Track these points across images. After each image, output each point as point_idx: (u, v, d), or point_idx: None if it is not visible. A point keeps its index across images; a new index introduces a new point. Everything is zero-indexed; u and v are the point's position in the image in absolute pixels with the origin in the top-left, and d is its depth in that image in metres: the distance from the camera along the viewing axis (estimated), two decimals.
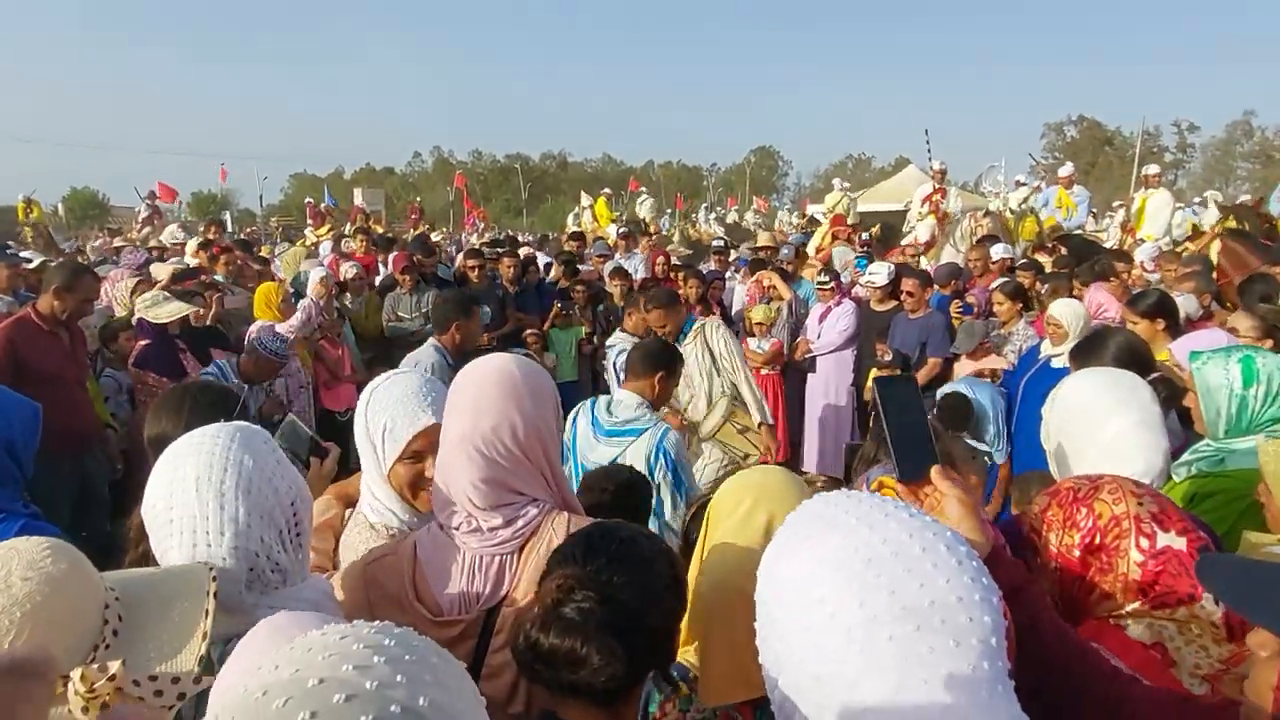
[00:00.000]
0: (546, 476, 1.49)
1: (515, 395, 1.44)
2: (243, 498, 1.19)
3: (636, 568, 1.16)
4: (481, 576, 1.41)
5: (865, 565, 0.80)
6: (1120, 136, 50.05)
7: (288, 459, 1.34)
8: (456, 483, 1.42)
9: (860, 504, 0.87)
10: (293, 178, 62.80)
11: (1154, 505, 1.31)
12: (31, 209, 14.56)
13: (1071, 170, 10.31)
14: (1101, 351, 2.79)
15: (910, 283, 5.85)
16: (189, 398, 1.98)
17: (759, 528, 1.32)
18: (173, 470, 1.23)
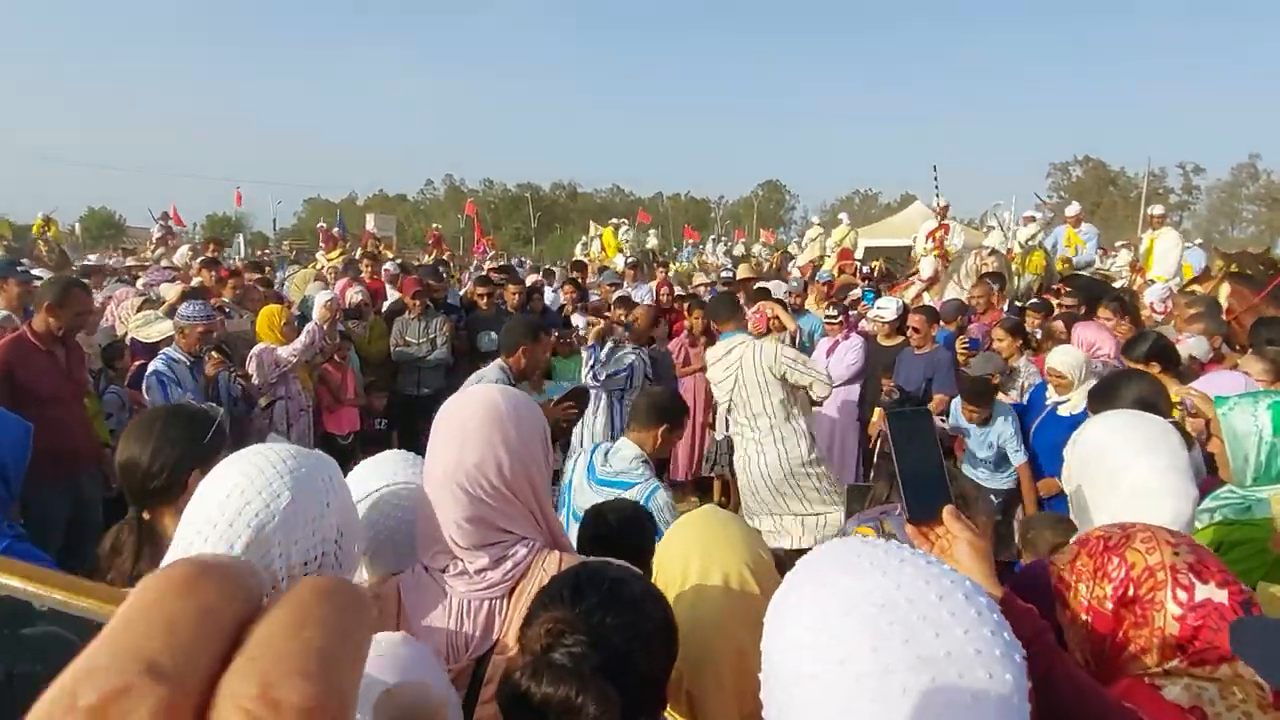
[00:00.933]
0: (535, 514, 1.41)
1: (501, 428, 1.37)
2: (252, 529, 1.13)
3: (627, 609, 1.10)
4: (470, 622, 1.33)
5: (878, 610, 0.74)
6: (1124, 177, 50.24)
7: (348, 506, 1.26)
8: (441, 522, 1.34)
9: (874, 549, 0.83)
10: (307, 202, 63.44)
11: (1191, 555, 1.24)
12: (49, 226, 14.70)
13: (1079, 209, 10.30)
14: (1118, 397, 2.74)
15: (916, 318, 5.81)
16: (158, 422, 1.91)
17: (717, 585, 1.27)
18: (228, 466, 1.20)
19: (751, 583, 1.28)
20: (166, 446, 1.85)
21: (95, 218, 45.39)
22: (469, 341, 6.72)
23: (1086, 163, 52.06)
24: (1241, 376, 3.58)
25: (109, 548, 1.79)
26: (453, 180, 66.96)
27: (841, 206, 58.36)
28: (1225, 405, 2.22)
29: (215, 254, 10.23)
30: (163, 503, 1.86)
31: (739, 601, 1.26)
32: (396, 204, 61.91)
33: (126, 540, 1.79)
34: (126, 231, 42.25)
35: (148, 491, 1.85)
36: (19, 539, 1.89)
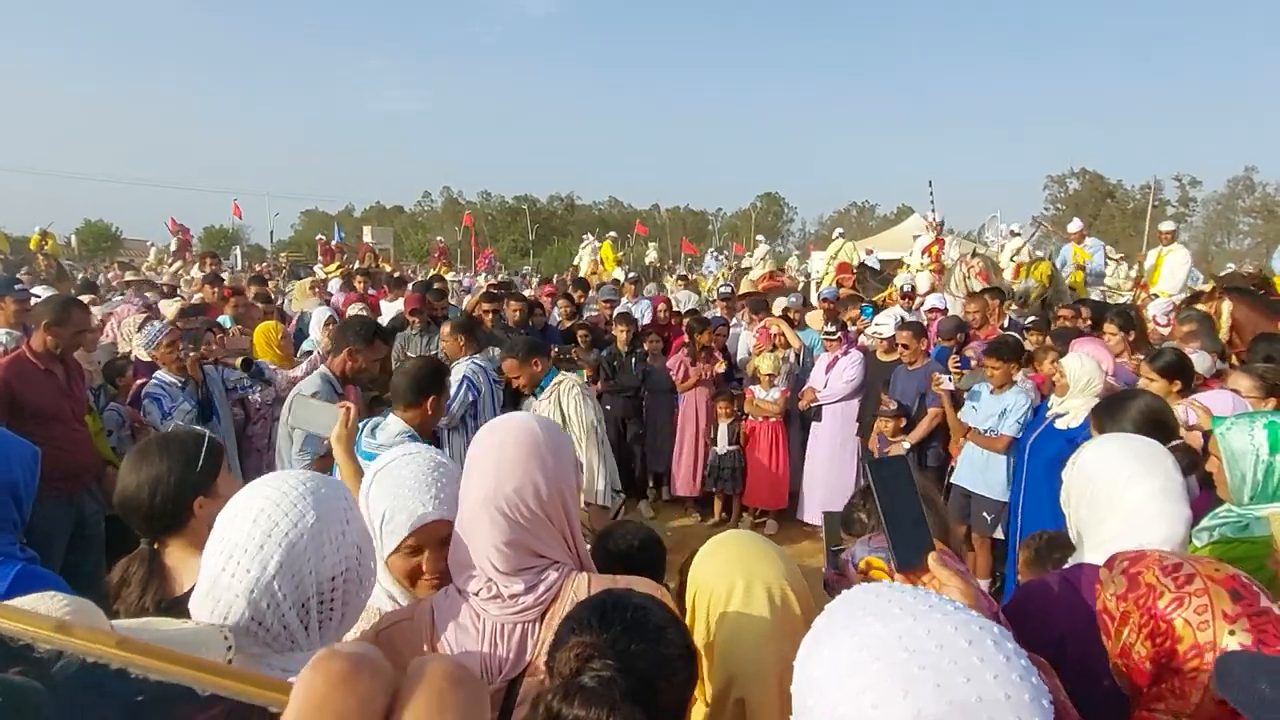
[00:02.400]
0: (567, 538, 1.45)
1: (538, 455, 1.41)
2: (284, 549, 1.16)
3: (651, 636, 1.13)
4: (504, 645, 1.35)
5: (909, 655, 0.76)
6: (1121, 189, 50.46)
7: (363, 522, 1.29)
8: (477, 546, 1.37)
9: (902, 594, 0.85)
10: (303, 214, 63.57)
11: (1249, 634, 1.19)
12: (46, 240, 14.71)
13: (1081, 226, 10.35)
14: (1123, 414, 2.76)
15: (904, 334, 5.85)
16: (151, 454, 1.88)
17: (762, 601, 1.30)
18: (248, 496, 1.23)
19: (792, 599, 1.33)
20: (164, 477, 1.83)
21: (91, 230, 45.35)
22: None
23: (1084, 175, 52.28)
24: (1229, 394, 3.61)
25: (117, 580, 1.79)
26: (450, 192, 67.17)
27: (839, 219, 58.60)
28: (1223, 425, 2.25)
29: (215, 268, 10.25)
30: (169, 534, 1.85)
31: (782, 616, 1.31)
32: (394, 216, 62.02)
33: (135, 573, 1.79)
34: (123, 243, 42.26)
35: (152, 525, 1.84)
36: (30, 561, 1.89)
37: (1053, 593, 1.75)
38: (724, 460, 6.71)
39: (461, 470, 1.49)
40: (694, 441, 6.91)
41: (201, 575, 1.19)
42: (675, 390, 6.92)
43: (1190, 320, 5.51)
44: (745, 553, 1.39)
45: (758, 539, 1.44)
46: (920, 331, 5.90)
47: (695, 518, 7.05)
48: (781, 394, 6.65)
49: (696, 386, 6.84)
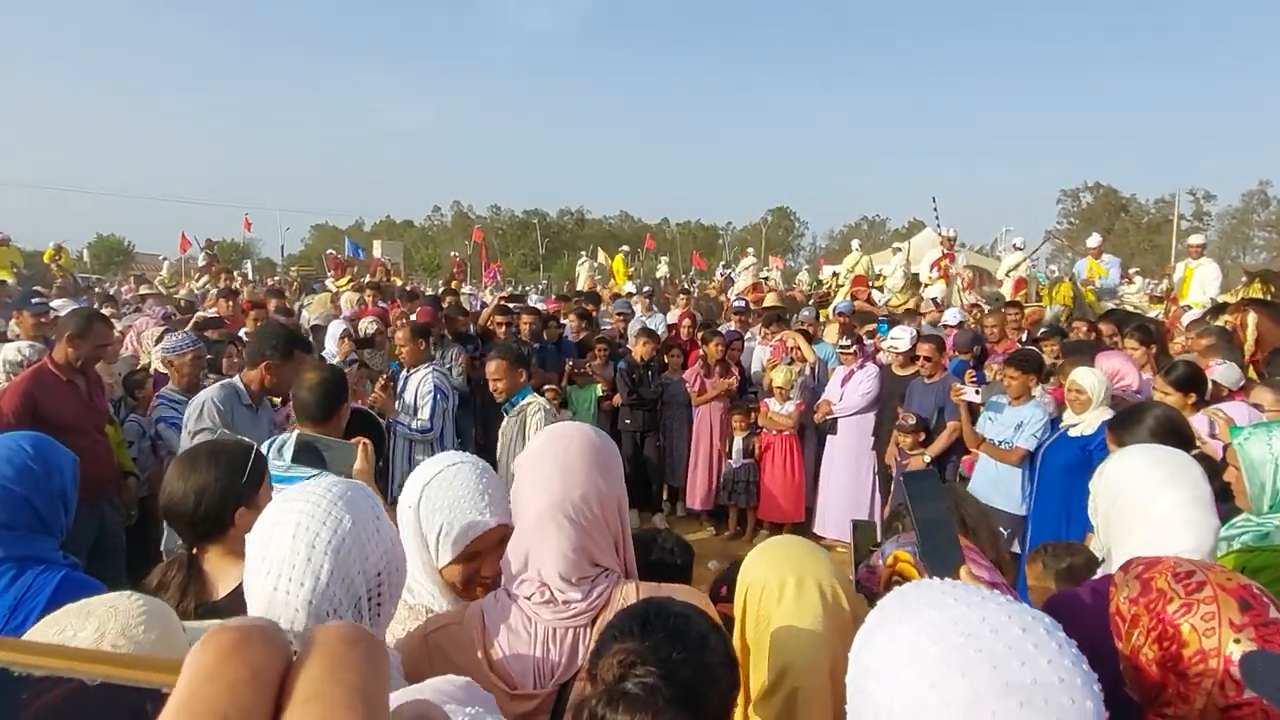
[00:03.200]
0: (618, 545, 1.47)
1: (601, 464, 1.44)
2: (330, 556, 1.17)
3: (694, 643, 1.13)
4: (557, 650, 1.37)
5: (965, 639, 0.78)
6: (1135, 204, 50.39)
7: (389, 526, 1.30)
8: (542, 552, 1.38)
9: (955, 587, 0.88)
10: (314, 229, 63.99)
11: (1254, 643, 1.21)
12: (60, 255, 14.86)
13: (1099, 240, 10.33)
14: (1140, 425, 2.76)
15: (925, 347, 5.84)
16: (200, 461, 1.94)
17: (814, 598, 1.32)
18: (277, 513, 1.24)
19: (842, 596, 1.35)
20: (211, 486, 1.89)
21: (104, 244, 45.84)
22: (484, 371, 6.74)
23: (1097, 189, 52.25)
24: (1245, 408, 3.59)
25: (155, 584, 1.82)
26: (460, 206, 67.56)
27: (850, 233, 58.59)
28: (1241, 435, 2.26)
29: (229, 283, 10.33)
30: (210, 540, 1.90)
31: (833, 610, 1.34)
32: (404, 230, 62.38)
33: (174, 577, 1.83)
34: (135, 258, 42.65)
35: (194, 531, 1.89)
36: (74, 568, 1.93)
37: (1082, 604, 1.74)
38: (738, 474, 6.71)
39: (497, 476, 1.51)
40: (708, 455, 6.91)
41: (253, 598, 1.20)
42: (691, 404, 6.93)
43: (1208, 333, 5.48)
44: (796, 552, 1.42)
45: (805, 542, 1.47)
46: (941, 346, 5.90)
47: (710, 531, 7.04)
48: (796, 407, 6.65)
49: (713, 400, 6.85)
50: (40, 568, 1.85)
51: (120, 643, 0.91)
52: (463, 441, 6.59)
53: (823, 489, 6.67)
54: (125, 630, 0.93)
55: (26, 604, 1.77)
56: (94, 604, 0.97)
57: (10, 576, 1.80)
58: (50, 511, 1.89)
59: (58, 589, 1.81)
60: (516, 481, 1.48)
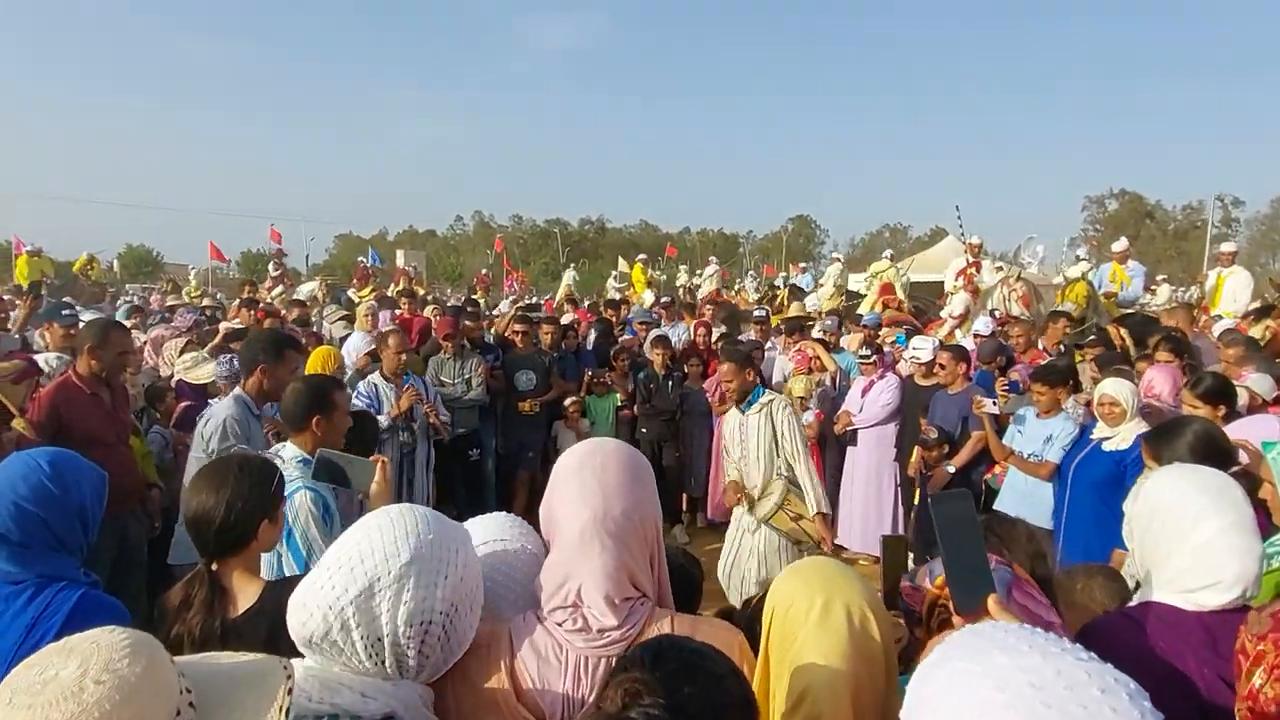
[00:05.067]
0: (653, 565, 1.43)
1: (640, 479, 1.41)
2: (365, 580, 1.17)
3: (707, 682, 1.09)
4: (588, 679, 1.31)
5: (1034, 691, 0.72)
6: (1161, 210, 49.74)
7: (470, 583, 1.29)
8: (582, 571, 1.34)
9: (1031, 633, 0.82)
10: (338, 239, 64.59)
11: None
12: (92, 265, 15.08)
13: (1125, 245, 10.15)
14: (1179, 441, 2.68)
15: (943, 356, 5.76)
16: (231, 474, 1.96)
17: (841, 621, 1.27)
18: (371, 518, 1.25)
19: (872, 622, 1.29)
20: (240, 499, 1.91)
21: (133, 255, 46.51)
22: (506, 380, 6.76)
23: (1123, 196, 51.64)
24: (1275, 420, 3.49)
25: (178, 602, 1.82)
26: (482, 216, 67.94)
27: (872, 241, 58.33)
28: (1274, 450, 2.19)
29: (252, 293, 10.40)
30: (232, 553, 1.90)
31: (860, 636, 1.28)
32: (426, 240, 62.84)
33: (197, 594, 1.82)
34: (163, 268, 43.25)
35: (220, 543, 1.89)
36: (94, 586, 1.92)
37: (1116, 633, 1.69)
38: None
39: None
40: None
41: (304, 581, 1.21)
42: (711, 414, 6.88)
43: (1236, 343, 5.35)
44: (826, 572, 1.37)
45: (837, 562, 1.42)
46: (961, 354, 5.80)
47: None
48: (815, 417, 6.58)
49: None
50: (59, 586, 1.84)
51: (104, 678, 0.89)
52: (482, 453, 6.60)
53: (844, 501, 6.59)
54: (109, 665, 0.90)
55: (44, 623, 1.77)
56: (76, 641, 0.95)
57: (28, 595, 1.80)
58: (68, 530, 1.89)
59: (75, 607, 1.80)
60: (551, 497, 1.44)
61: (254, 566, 1.97)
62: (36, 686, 0.88)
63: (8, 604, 1.77)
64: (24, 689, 0.89)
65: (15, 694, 0.88)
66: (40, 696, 0.86)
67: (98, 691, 0.87)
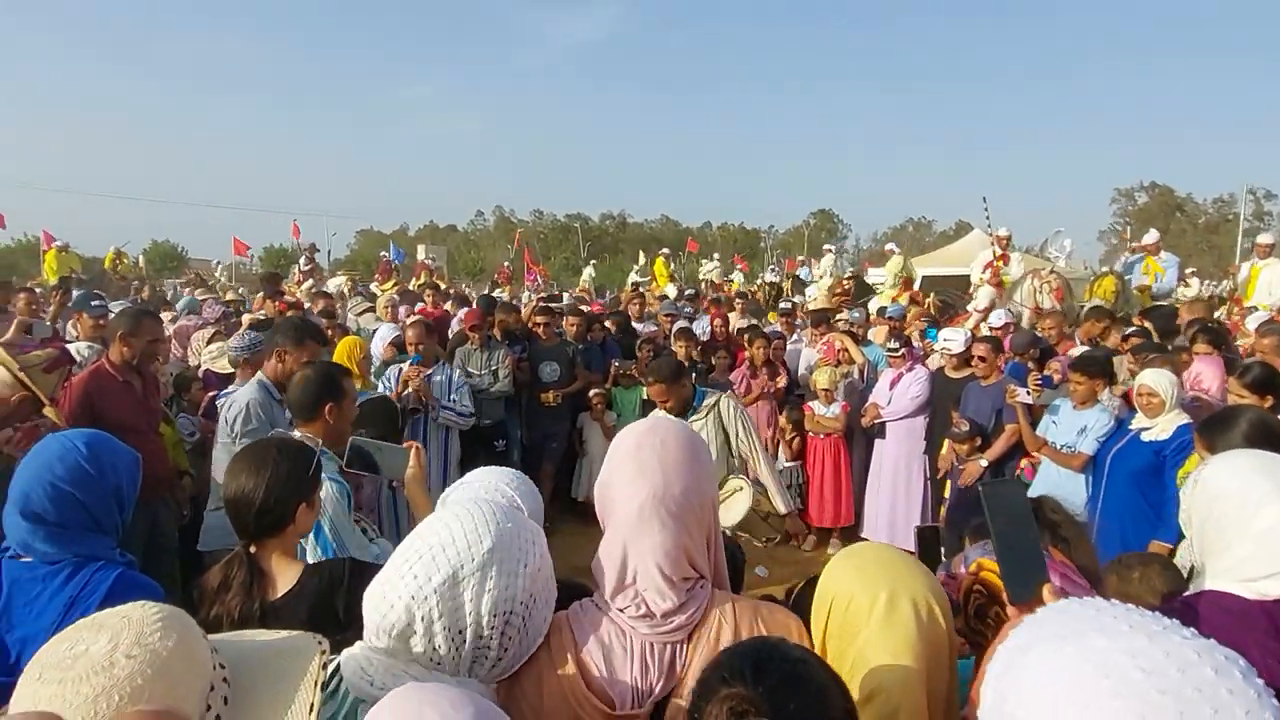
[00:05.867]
0: (710, 546, 1.41)
1: (699, 459, 1.39)
2: (448, 569, 1.16)
3: (814, 697, 1.02)
4: (655, 667, 1.29)
5: (1145, 676, 0.67)
6: (1192, 203, 48.98)
7: (545, 576, 1.28)
8: (641, 550, 1.32)
9: (1127, 611, 0.75)
10: (359, 234, 64.99)
11: None
12: (120, 260, 15.28)
13: (1157, 237, 9.98)
14: (1233, 430, 2.61)
15: (981, 348, 5.67)
16: (270, 457, 1.96)
17: (908, 615, 1.21)
18: (449, 507, 1.24)
19: (938, 614, 1.24)
20: (279, 482, 1.91)
21: (158, 250, 47.04)
22: (531, 372, 6.75)
23: (1153, 189, 50.89)
24: None
25: (217, 584, 1.82)
26: (502, 211, 68.10)
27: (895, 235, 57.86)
28: None
29: (276, 284, 10.48)
30: (269, 535, 1.90)
31: (929, 629, 1.23)
32: (447, 235, 63.11)
33: (236, 576, 1.81)
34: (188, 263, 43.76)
35: (258, 525, 1.89)
36: (130, 566, 1.92)
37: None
38: (783, 477, 6.57)
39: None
40: None
41: (381, 573, 1.20)
42: None
43: (1273, 333, 5.26)
44: (888, 563, 1.31)
45: (897, 551, 1.37)
46: (998, 347, 5.71)
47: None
48: (842, 409, 6.52)
49: (758, 401, 6.74)
50: (96, 565, 1.84)
51: (135, 652, 0.87)
52: (507, 443, 6.60)
53: (871, 493, 6.53)
54: (140, 639, 0.89)
55: (82, 601, 1.77)
56: (106, 616, 0.94)
57: (66, 574, 1.80)
58: (104, 510, 1.89)
59: (112, 586, 1.80)
60: (608, 475, 1.42)
61: (291, 550, 1.97)
62: (67, 661, 0.87)
63: (46, 583, 1.77)
64: (54, 664, 0.87)
65: (45, 669, 0.87)
66: (70, 671, 0.85)
67: (129, 665, 0.86)
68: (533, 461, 6.86)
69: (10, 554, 1.81)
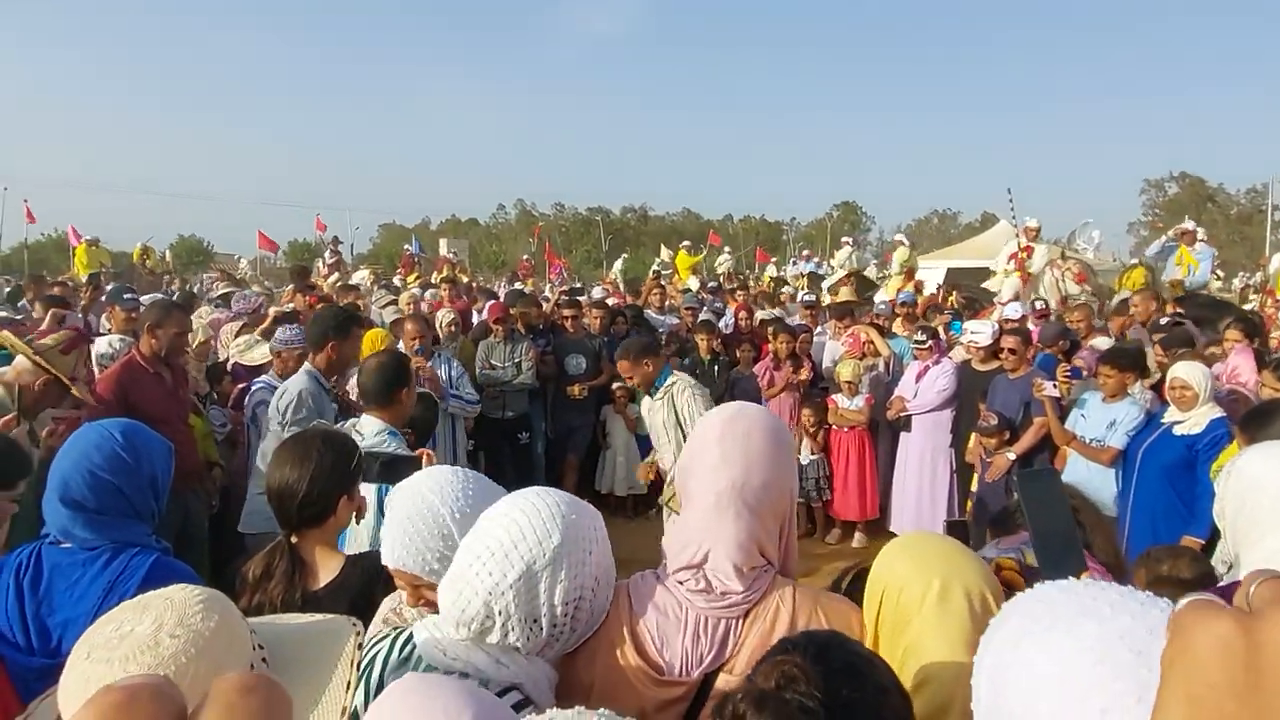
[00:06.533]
0: (783, 534, 1.42)
1: (784, 450, 1.41)
2: (524, 562, 1.19)
3: (871, 691, 1.01)
4: (706, 639, 1.31)
5: (1136, 657, 0.66)
6: (1223, 193, 48.08)
7: (606, 557, 1.31)
8: (713, 537, 1.33)
9: (1110, 590, 0.74)
10: (381, 227, 65.42)
11: None
12: (148, 255, 15.49)
13: (1194, 226, 9.77)
14: (1274, 422, 2.58)
15: (1011, 340, 5.60)
16: (315, 449, 1.99)
17: (961, 607, 1.19)
18: (510, 503, 1.26)
19: (992, 604, 1.22)
20: (323, 474, 1.95)
21: (184, 245, 47.65)
22: (556, 365, 6.78)
23: (1183, 179, 49.98)
24: None
25: (260, 572, 1.85)
26: (524, 204, 68.24)
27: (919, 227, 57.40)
28: None
29: (305, 278, 10.58)
30: (311, 526, 1.93)
31: (982, 622, 1.19)
32: (469, 228, 63.26)
33: (278, 565, 1.85)
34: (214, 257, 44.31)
35: (300, 516, 1.93)
36: (165, 552, 1.96)
37: None
38: (807, 470, 6.56)
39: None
40: None
41: (450, 572, 1.23)
42: (761, 398, 6.82)
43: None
44: (943, 552, 1.30)
45: (953, 541, 1.35)
46: (1027, 339, 5.65)
47: None
48: (866, 402, 6.48)
49: (782, 393, 6.72)
50: (133, 551, 1.88)
51: (179, 632, 0.90)
52: (531, 435, 6.64)
53: (897, 486, 6.50)
54: (183, 620, 0.91)
55: (120, 585, 1.80)
56: (149, 598, 0.96)
57: (105, 559, 1.84)
58: (141, 498, 1.93)
59: (150, 570, 1.84)
60: (689, 460, 1.44)
61: (332, 541, 2.01)
62: (114, 641, 0.90)
63: (85, 568, 1.81)
64: (101, 644, 0.90)
65: (93, 649, 0.90)
66: (117, 651, 0.88)
67: (173, 645, 0.88)
68: (556, 454, 6.90)
69: (50, 540, 1.85)
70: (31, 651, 1.71)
